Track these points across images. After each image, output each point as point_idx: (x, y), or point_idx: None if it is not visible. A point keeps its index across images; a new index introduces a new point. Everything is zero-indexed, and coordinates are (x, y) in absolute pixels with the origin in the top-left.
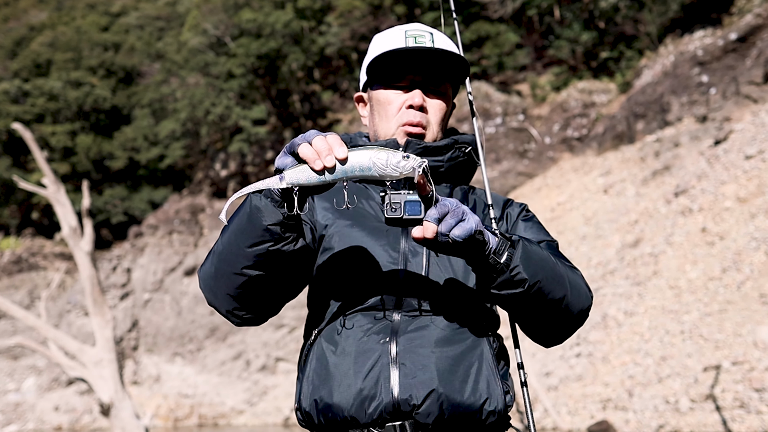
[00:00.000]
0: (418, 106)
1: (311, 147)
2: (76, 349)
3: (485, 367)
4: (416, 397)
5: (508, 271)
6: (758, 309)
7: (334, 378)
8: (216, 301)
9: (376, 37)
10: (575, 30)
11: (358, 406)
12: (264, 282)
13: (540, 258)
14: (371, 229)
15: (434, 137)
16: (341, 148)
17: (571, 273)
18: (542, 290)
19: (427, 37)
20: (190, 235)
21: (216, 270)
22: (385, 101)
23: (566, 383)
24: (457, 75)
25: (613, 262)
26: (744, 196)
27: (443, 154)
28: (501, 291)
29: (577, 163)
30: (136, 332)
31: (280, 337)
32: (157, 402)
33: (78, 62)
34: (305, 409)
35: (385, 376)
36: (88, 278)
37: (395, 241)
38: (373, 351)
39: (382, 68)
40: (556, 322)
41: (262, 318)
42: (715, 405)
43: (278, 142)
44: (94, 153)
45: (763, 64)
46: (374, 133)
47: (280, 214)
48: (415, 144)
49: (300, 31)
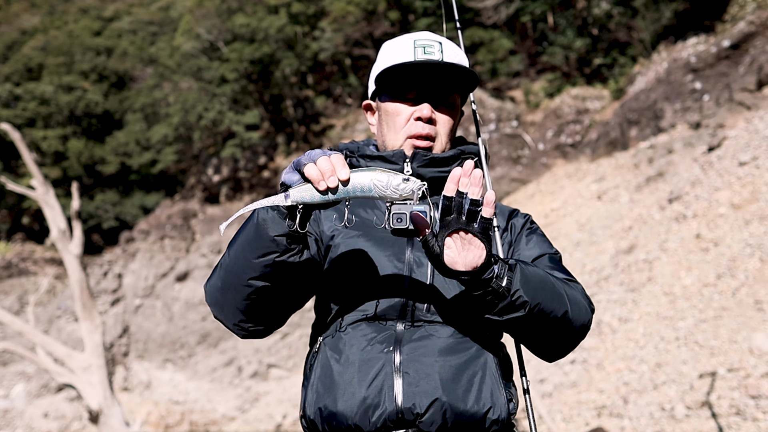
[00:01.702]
0: (426, 119)
1: (316, 167)
2: (65, 355)
3: (489, 375)
4: (420, 406)
5: (509, 295)
6: (753, 315)
7: (339, 386)
8: (222, 314)
9: (384, 45)
10: (569, 37)
11: (362, 415)
12: (270, 293)
13: (539, 279)
14: (377, 240)
15: (442, 148)
16: (344, 169)
17: (569, 289)
18: (543, 311)
19: (436, 48)
20: (182, 240)
21: (223, 282)
22: (394, 112)
23: (561, 390)
24: (466, 85)
25: (607, 269)
26: (738, 202)
27: (450, 165)
28: (502, 316)
29: (570, 170)
30: (127, 338)
31: (272, 344)
32: (147, 408)
33: (70, 66)
34: (310, 416)
35: (388, 385)
36: (77, 282)
37: (400, 252)
38: (377, 360)
39: (390, 80)
40: (558, 338)
41: (268, 330)
42: (711, 412)
43: (271, 147)
44: (86, 158)
45: (756, 71)
46: (382, 142)
47: (285, 226)
48: (422, 156)
49: (293, 36)
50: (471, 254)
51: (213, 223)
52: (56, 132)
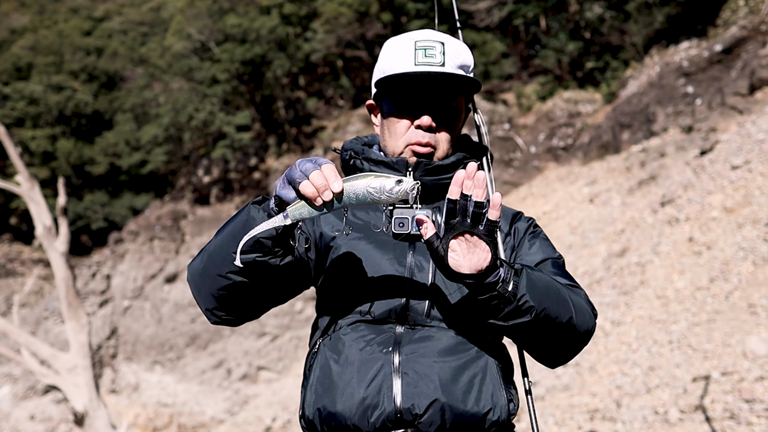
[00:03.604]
0: (426, 127)
1: (311, 185)
2: (49, 356)
3: (489, 377)
4: (418, 407)
5: (515, 300)
6: (747, 319)
7: (338, 387)
8: (199, 297)
9: (386, 45)
10: (561, 40)
11: (361, 415)
12: (246, 288)
13: (545, 284)
14: (378, 243)
15: (444, 154)
16: (336, 182)
17: (574, 295)
18: (549, 316)
19: (437, 49)
20: (172, 241)
21: (204, 268)
22: (394, 120)
23: (553, 393)
24: (468, 88)
25: (600, 272)
26: (731, 206)
27: (451, 171)
28: (508, 321)
29: (562, 173)
30: (115, 340)
31: (261, 346)
32: (135, 411)
33: (60, 66)
34: (309, 417)
35: (387, 386)
36: (62, 280)
37: (402, 255)
38: (376, 360)
39: (389, 89)
40: (562, 344)
41: (239, 321)
42: (705, 416)
43: (262, 149)
44: (75, 158)
45: (748, 76)
46: (384, 147)
47: (273, 230)
48: (425, 165)
49: (285, 37)
50: (476, 257)
51: (203, 224)
52: (45, 132)
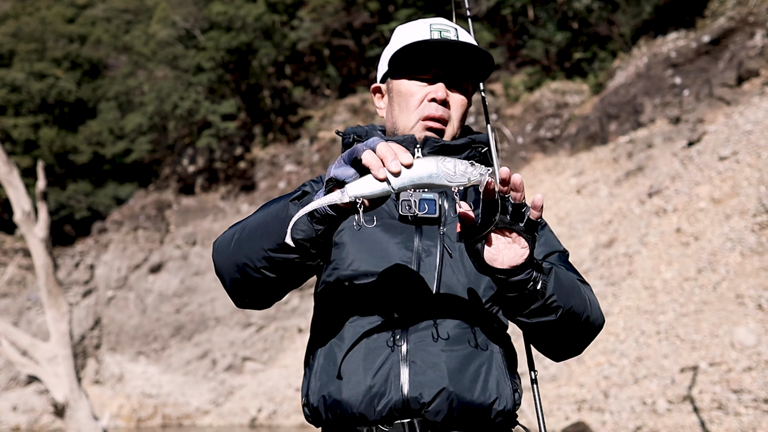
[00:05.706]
0: (441, 100)
1: (374, 154)
2: (29, 345)
3: (495, 366)
4: (426, 395)
5: (543, 299)
6: (734, 310)
7: (343, 374)
8: (220, 273)
9: (399, 28)
10: (549, 30)
11: (368, 403)
12: (269, 282)
13: (570, 283)
14: (386, 226)
15: (453, 134)
16: (406, 154)
17: (588, 291)
18: (572, 315)
19: (452, 33)
20: (156, 231)
21: (231, 252)
22: (407, 93)
23: (540, 384)
24: (478, 74)
25: (587, 262)
26: (718, 197)
27: (460, 153)
28: (531, 319)
29: (549, 164)
30: (99, 330)
31: (247, 336)
32: (119, 402)
33: (42, 53)
34: (313, 404)
35: (395, 374)
36: (42, 267)
37: (408, 240)
38: (382, 348)
39: (406, 59)
40: (576, 340)
41: (255, 306)
42: (693, 406)
43: (248, 138)
44: (58, 147)
45: (735, 67)
46: (392, 125)
47: (313, 231)
48: (432, 142)
49: (271, 25)
50: (513, 252)
51: (188, 214)
52: (27, 120)
